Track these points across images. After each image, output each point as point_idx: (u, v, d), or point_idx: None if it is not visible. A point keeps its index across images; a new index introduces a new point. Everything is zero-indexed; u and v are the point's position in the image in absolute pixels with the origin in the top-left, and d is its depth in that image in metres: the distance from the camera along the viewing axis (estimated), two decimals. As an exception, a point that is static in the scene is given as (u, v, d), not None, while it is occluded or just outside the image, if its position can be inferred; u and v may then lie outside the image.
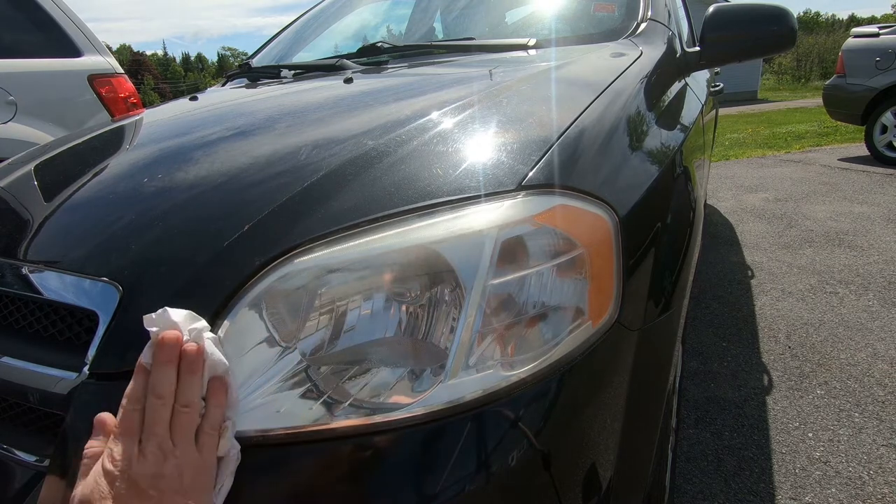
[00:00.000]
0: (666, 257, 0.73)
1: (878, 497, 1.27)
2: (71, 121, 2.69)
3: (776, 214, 3.67)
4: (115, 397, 0.47)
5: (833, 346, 1.96)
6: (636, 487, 0.69)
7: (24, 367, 0.56)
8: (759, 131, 7.99)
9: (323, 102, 1.02)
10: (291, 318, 0.51)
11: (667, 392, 0.74)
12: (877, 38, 5.05)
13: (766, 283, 2.57)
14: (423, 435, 0.49)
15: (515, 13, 1.72)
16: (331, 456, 0.49)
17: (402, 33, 2.05)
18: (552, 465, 0.54)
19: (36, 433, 0.57)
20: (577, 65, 1.07)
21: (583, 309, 0.57)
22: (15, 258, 0.65)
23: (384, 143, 0.69)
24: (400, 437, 0.49)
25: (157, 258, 0.57)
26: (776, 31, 1.27)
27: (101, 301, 0.54)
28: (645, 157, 0.79)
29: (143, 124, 1.18)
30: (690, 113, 1.26)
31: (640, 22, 1.33)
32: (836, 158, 5.47)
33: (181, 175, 0.74)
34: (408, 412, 0.49)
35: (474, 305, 0.51)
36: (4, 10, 2.60)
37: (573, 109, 0.76)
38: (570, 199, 0.60)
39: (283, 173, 0.66)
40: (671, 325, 0.75)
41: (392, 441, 0.49)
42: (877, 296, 2.34)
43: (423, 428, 0.49)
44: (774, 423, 1.57)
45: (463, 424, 0.50)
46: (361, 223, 0.55)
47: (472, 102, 0.81)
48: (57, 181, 0.87)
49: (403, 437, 0.49)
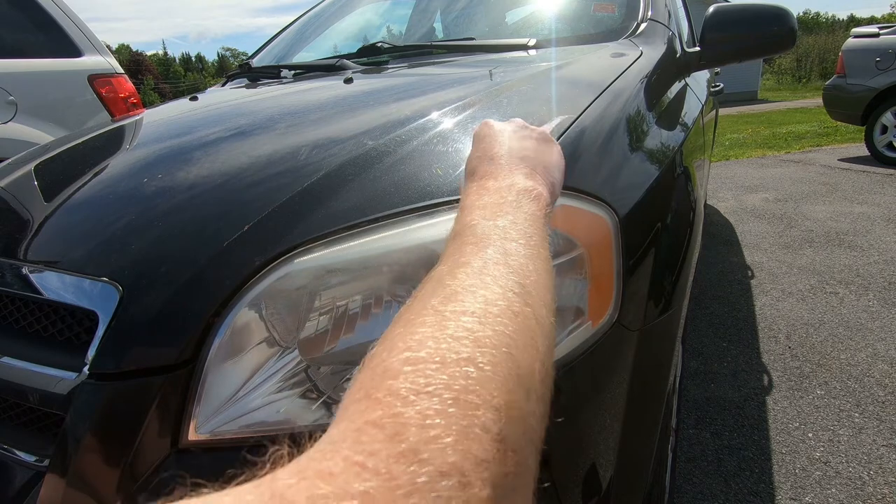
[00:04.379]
0: (666, 257, 0.73)
1: (879, 497, 1.27)
2: (71, 121, 2.69)
3: (776, 214, 3.67)
4: (115, 397, 0.47)
5: (833, 347, 1.96)
6: (636, 487, 0.69)
7: (24, 367, 0.56)
8: (760, 131, 7.99)
9: (323, 102, 1.02)
10: (291, 318, 0.51)
11: (667, 392, 0.74)
12: (877, 38, 5.05)
13: (766, 284, 2.57)
14: (422, 435, 0.49)
15: (515, 13, 1.72)
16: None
17: (402, 33, 2.05)
18: (552, 465, 0.54)
19: (36, 433, 0.57)
20: (577, 65, 1.07)
21: (583, 309, 0.57)
22: (15, 258, 0.65)
23: (384, 143, 0.69)
24: (400, 438, 0.49)
25: (157, 258, 0.57)
26: (776, 31, 1.27)
27: (100, 301, 0.54)
28: (645, 158, 0.79)
29: (143, 124, 1.18)
30: (690, 113, 1.26)
31: (640, 22, 1.33)
32: (836, 158, 5.47)
33: (181, 175, 0.74)
34: (408, 412, 0.49)
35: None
36: (5, 10, 2.60)
37: (573, 109, 0.76)
38: (570, 199, 0.60)
39: (283, 173, 0.66)
40: (671, 326, 0.75)
41: (392, 441, 0.49)
42: (877, 296, 2.34)
43: (422, 428, 0.49)
44: (774, 423, 1.57)
45: (463, 424, 0.50)
46: (361, 223, 0.55)
47: (472, 102, 0.81)
48: (57, 181, 0.87)
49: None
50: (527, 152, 0.48)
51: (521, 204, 0.40)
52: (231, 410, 0.49)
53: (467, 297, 0.28)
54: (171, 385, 0.49)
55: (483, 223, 0.36)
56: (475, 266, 0.31)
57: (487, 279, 0.30)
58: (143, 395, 0.49)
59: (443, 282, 0.30)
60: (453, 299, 0.28)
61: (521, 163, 0.46)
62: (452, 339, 0.24)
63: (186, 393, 0.49)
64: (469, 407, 0.21)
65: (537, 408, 0.25)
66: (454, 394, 0.21)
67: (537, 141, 0.51)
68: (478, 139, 0.52)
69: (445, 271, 0.31)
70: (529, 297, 0.30)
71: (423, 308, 0.28)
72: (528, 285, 0.31)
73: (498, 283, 0.30)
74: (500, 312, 0.27)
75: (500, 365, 0.24)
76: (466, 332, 0.25)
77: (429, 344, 0.24)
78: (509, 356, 0.25)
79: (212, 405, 0.49)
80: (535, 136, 0.52)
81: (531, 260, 0.33)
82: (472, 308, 0.27)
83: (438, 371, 0.22)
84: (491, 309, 0.27)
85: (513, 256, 0.33)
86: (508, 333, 0.26)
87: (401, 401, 0.21)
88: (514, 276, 0.31)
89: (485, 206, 0.39)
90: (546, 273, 0.34)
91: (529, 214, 0.39)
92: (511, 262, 0.32)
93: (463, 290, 0.29)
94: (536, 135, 0.52)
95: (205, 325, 0.50)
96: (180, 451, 0.49)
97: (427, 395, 0.21)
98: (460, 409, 0.21)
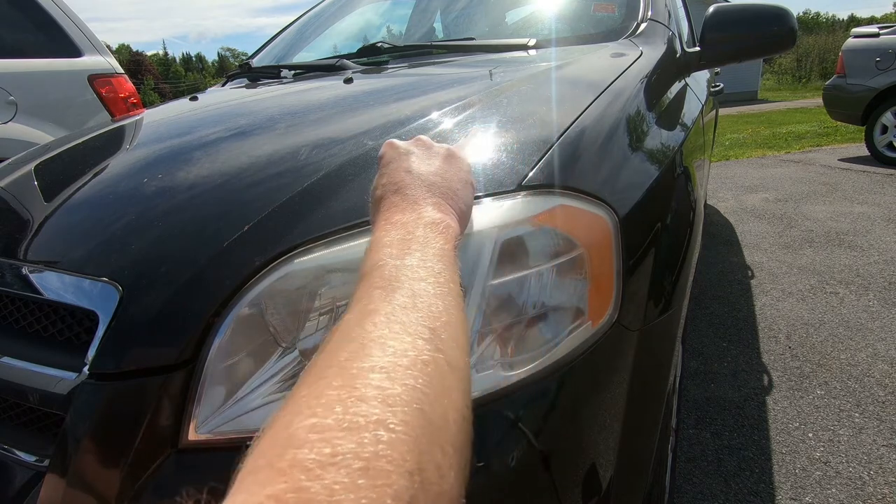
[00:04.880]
0: (666, 257, 0.73)
1: (879, 497, 1.27)
2: (71, 121, 2.69)
3: (776, 214, 3.67)
4: (115, 397, 0.47)
5: (833, 347, 1.96)
6: (636, 487, 0.69)
7: (24, 367, 0.56)
8: (760, 131, 7.99)
9: (323, 103, 1.02)
10: (291, 318, 0.51)
11: (667, 392, 0.74)
12: (877, 38, 5.05)
13: (766, 284, 2.57)
14: (422, 435, 0.49)
15: (515, 13, 1.72)
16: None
17: (402, 33, 2.05)
18: (552, 466, 0.54)
19: (36, 433, 0.57)
20: (577, 65, 1.07)
21: (583, 309, 0.57)
22: (15, 258, 0.65)
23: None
24: (400, 438, 0.49)
25: (157, 258, 0.57)
26: (776, 31, 1.27)
27: (100, 301, 0.54)
28: (645, 158, 0.79)
29: (144, 124, 1.18)
30: (690, 113, 1.26)
31: (640, 22, 1.33)
32: (836, 158, 5.47)
33: (181, 175, 0.74)
34: (408, 412, 0.49)
35: (474, 306, 0.51)
36: (5, 10, 2.60)
37: (573, 109, 0.76)
38: (571, 199, 0.60)
39: (284, 173, 0.66)
40: (671, 326, 0.75)
41: (392, 441, 0.49)
42: (877, 296, 2.34)
43: (422, 428, 0.49)
44: (774, 423, 1.57)
45: (463, 424, 0.50)
46: (361, 223, 0.55)
47: (472, 102, 0.81)
48: (57, 181, 0.87)
49: (403, 437, 0.49)
50: (434, 177, 0.48)
51: (429, 239, 0.39)
52: (231, 410, 0.49)
53: (375, 351, 0.27)
54: (171, 385, 0.49)
55: (391, 263, 0.36)
56: (383, 314, 0.31)
57: (396, 327, 0.29)
58: (143, 395, 0.49)
59: (350, 334, 0.29)
60: (361, 354, 0.27)
61: (429, 192, 0.46)
62: (361, 400, 0.24)
63: (186, 393, 0.49)
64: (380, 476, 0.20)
65: (455, 460, 0.25)
66: (363, 462, 0.21)
67: (444, 160, 0.51)
68: (383, 164, 0.51)
69: (353, 322, 0.31)
70: (440, 340, 0.30)
71: (329, 366, 0.27)
72: (439, 328, 0.31)
73: (407, 330, 0.29)
74: (410, 364, 0.27)
75: (412, 423, 0.23)
76: (376, 392, 0.24)
77: (336, 409, 0.23)
78: (421, 412, 0.24)
79: (212, 405, 0.49)
80: (442, 155, 0.52)
81: (441, 299, 0.33)
82: (381, 363, 0.26)
83: (347, 438, 0.22)
84: (400, 361, 0.27)
85: (422, 298, 0.33)
86: (420, 387, 0.26)
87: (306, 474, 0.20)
88: (423, 320, 0.31)
89: (392, 244, 0.38)
90: (457, 310, 0.34)
91: (438, 249, 0.39)
92: (420, 304, 0.32)
93: (371, 342, 0.28)
94: (443, 153, 0.52)
95: (205, 325, 0.50)
96: (180, 451, 0.49)
97: (334, 466, 0.20)
98: (370, 480, 0.20)
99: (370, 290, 0.34)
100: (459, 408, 0.28)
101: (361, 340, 0.28)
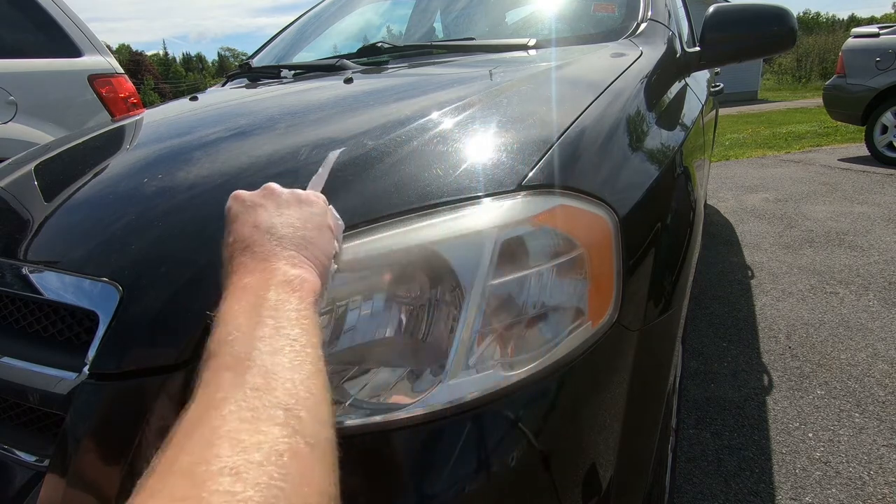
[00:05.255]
0: (666, 257, 0.73)
1: (879, 497, 1.27)
2: (71, 121, 2.69)
3: (776, 214, 3.67)
4: (115, 397, 0.47)
5: (833, 347, 1.96)
6: (636, 487, 0.69)
7: (25, 367, 0.56)
8: (760, 131, 7.99)
9: (323, 102, 1.02)
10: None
11: (667, 392, 0.74)
12: (877, 38, 5.05)
13: (766, 283, 2.57)
14: (423, 435, 0.49)
15: (515, 13, 1.72)
16: (331, 456, 0.49)
17: (402, 33, 2.05)
18: (552, 466, 0.54)
19: (36, 433, 0.57)
20: (577, 65, 1.07)
21: (583, 309, 0.57)
22: (15, 258, 0.65)
23: (384, 144, 0.69)
24: (400, 438, 0.49)
25: (158, 258, 0.57)
26: (776, 31, 1.27)
27: (101, 301, 0.54)
28: (645, 158, 0.79)
29: (144, 124, 1.18)
30: (690, 113, 1.26)
31: (640, 22, 1.33)
32: (836, 158, 5.47)
33: (181, 175, 0.74)
34: (408, 412, 0.49)
35: (474, 306, 0.51)
36: (5, 10, 2.60)
37: (573, 110, 0.76)
38: (571, 199, 0.60)
39: (284, 173, 0.66)
40: (671, 326, 0.75)
41: (392, 441, 0.49)
42: (877, 296, 2.34)
43: (423, 428, 0.49)
44: (775, 423, 1.57)
45: (463, 424, 0.50)
46: (361, 223, 0.55)
47: (473, 103, 0.81)
48: (57, 181, 0.87)
49: (403, 437, 0.49)
50: (285, 229, 0.44)
51: (283, 302, 0.37)
52: (231, 410, 0.49)
53: (224, 449, 0.25)
54: (171, 385, 0.49)
55: (241, 338, 0.34)
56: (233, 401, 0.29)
57: (247, 415, 0.28)
58: (143, 395, 0.49)
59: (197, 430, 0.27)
60: (208, 455, 0.25)
61: (280, 246, 0.43)
62: None
63: (186, 393, 0.49)
64: None
65: None
66: None
67: (295, 208, 0.48)
68: (229, 219, 0.47)
69: (200, 414, 0.29)
70: (298, 420, 0.29)
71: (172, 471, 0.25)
72: (295, 406, 0.30)
73: (260, 417, 0.28)
74: (263, 458, 0.25)
75: None
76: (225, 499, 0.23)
77: None
78: None
79: (212, 405, 0.49)
80: (292, 202, 0.48)
81: (297, 371, 0.32)
82: (231, 462, 0.24)
83: None
84: (253, 457, 0.25)
85: (276, 375, 0.31)
86: (276, 483, 0.24)
87: None
88: (279, 401, 0.29)
89: (242, 313, 0.36)
90: (316, 378, 0.32)
91: (294, 311, 0.37)
92: (275, 383, 0.30)
93: (219, 439, 0.26)
94: (294, 200, 0.49)
95: (205, 326, 0.50)
96: (180, 451, 0.49)
97: None
98: None
99: (219, 372, 0.31)
100: (323, 489, 0.27)
101: (209, 437, 0.26)
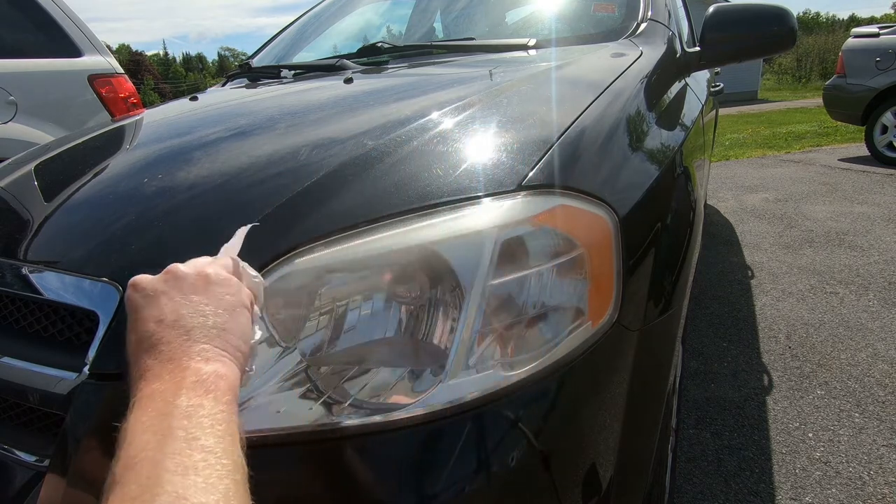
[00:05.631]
0: (666, 257, 0.73)
1: (879, 497, 1.27)
2: (71, 121, 2.69)
3: (776, 214, 3.67)
4: (115, 397, 0.47)
5: (833, 347, 1.96)
6: (636, 487, 0.69)
7: (25, 368, 0.56)
8: (760, 131, 7.99)
9: (323, 102, 1.02)
10: (291, 318, 0.51)
11: (667, 392, 0.74)
12: (877, 38, 5.05)
13: (766, 284, 2.57)
14: (423, 435, 0.49)
15: (515, 13, 1.72)
16: (331, 456, 0.49)
17: (402, 33, 2.05)
18: (552, 466, 0.54)
19: (36, 433, 0.57)
20: (577, 65, 1.07)
21: (583, 309, 0.57)
22: (15, 258, 0.65)
23: (384, 144, 0.69)
24: (400, 438, 0.49)
25: (157, 258, 0.57)
26: (776, 31, 1.27)
27: (101, 301, 0.54)
28: (645, 158, 0.79)
29: (144, 124, 1.18)
30: (690, 113, 1.26)
31: (640, 22, 1.33)
32: (836, 158, 5.47)
33: (181, 175, 0.74)
34: (408, 412, 0.49)
35: (474, 306, 0.51)
36: (5, 10, 2.60)
37: (573, 110, 0.76)
38: (571, 199, 0.60)
39: (284, 173, 0.66)
40: (671, 326, 0.75)
41: (392, 441, 0.49)
42: (877, 296, 2.34)
43: (423, 428, 0.49)
44: (775, 423, 1.57)
45: (463, 424, 0.50)
46: (361, 223, 0.55)
47: (473, 103, 0.81)
48: (57, 181, 0.87)
49: (403, 437, 0.49)
50: (196, 318, 0.40)
51: (195, 407, 0.34)
52: (231, 410, 0.49)
53: None
54: (171, 385, 0.49)
55: (147, 460, 0.30)
56: None
57: None
58: (143, 396, 0.49)
59: None
60: None
61: (191, 340, 0.39)
62: None
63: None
64: None
65: None
66: None
67: (201, 291, 0.43)
68: (130, 314, 0.42)
69: None
70: None
71: None
72: None
73: None
74: None
75: None
76: None
77: None
78: None
79: (212, 405, 0.49)
80: (199, 285, 0.43)
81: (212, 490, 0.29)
82: None
83: None
84: None
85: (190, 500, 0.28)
86: None
87: None
88: None
89: (149, 428, 0.33)
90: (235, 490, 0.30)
91: (208, 418, 0.34)
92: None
93: None
94: (199, 282, 0.43)
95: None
96: (180, 451, 0.49)
97: None
98: None
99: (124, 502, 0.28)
100: None
101: None
